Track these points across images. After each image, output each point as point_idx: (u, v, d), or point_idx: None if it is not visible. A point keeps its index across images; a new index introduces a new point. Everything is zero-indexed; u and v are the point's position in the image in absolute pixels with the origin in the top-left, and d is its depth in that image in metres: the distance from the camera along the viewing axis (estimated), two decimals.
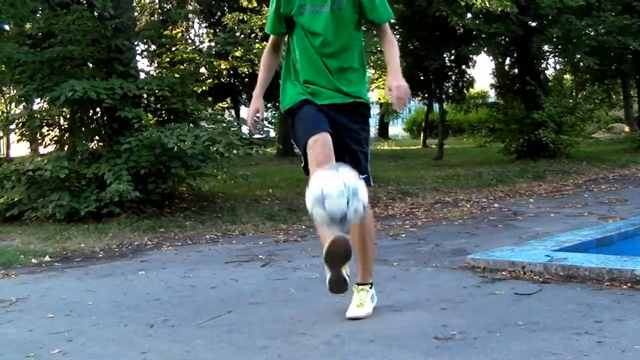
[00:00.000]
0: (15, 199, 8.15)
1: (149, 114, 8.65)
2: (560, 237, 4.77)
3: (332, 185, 2.52)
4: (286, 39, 3.20)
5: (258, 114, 3.17)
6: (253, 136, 7.06)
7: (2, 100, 17.50)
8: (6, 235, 6.97)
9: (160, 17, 12.59)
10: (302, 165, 3.03)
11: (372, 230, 3.22)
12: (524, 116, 15.32)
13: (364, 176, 2.82)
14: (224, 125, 8.40)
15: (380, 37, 3.15)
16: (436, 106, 23.10)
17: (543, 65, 18.42)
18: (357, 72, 3.10)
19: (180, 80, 8.89)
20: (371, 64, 13.78)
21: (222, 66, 11.06)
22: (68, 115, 8.79)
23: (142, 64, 15.72)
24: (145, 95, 8.58)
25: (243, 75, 20.86)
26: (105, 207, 7.49)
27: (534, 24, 15.80)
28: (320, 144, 2.86)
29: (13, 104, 10.02)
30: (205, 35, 21.47)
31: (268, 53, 3.26)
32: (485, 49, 18.55)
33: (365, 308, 3.12)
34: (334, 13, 3.00)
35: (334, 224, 2.60)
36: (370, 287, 3.22)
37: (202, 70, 10.53)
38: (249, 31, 12.24)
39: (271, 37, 3.24)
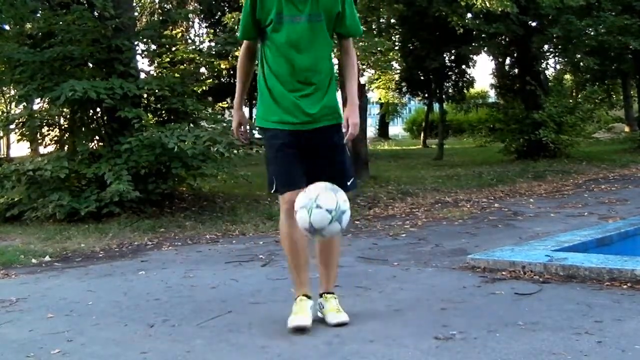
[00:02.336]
0: (16, 199, 8.15)
1: (149, 114, 8.65)
2: (560, 237, 4.77)
3: (327, 200, 2.73)
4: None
5: (241, 128, 3.24)
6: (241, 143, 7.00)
7: (2, 100, 17.50)
8: (6, 235, 6.98)
9: (161, 17, 12.61)
10: (272, 190, 3.11)
11: (340, 236, 3.13)
12: (524, 116, 15.32)
13: (350, 180, 3.08)
14: (225, 125, 8.40)
15: (344, 52, 3.14)
16: (436, 106, 23.09)
17: (543, 65, 18.42)
18: (329, 82, 3.09)
19: (180, 80, 8.89)
20: (371, 64, 13.77)
21: (222, 66, 11.05)
22: (68, 115, 8.79)
23: (142, 64, 15.73)
24: (145, 95, 8.58)
25: None
26: (105, 207, 7.50)
27: (534, 24, 15.79)
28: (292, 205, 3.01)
29: (13, 104, 10.02)
30: (205, 35, 21.45)
31: (244, 60, 3.20)
32: (485, 49, 18.56)
33: (344, 313, 3.01)
34: (311, 24, 2.96)
35: (308, 232, 2.79)
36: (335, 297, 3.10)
37: (202, 70, 10.54)
38: None
39: (245, 42, 3.18)
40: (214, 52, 10.30)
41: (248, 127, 3.28)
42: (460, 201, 8.37)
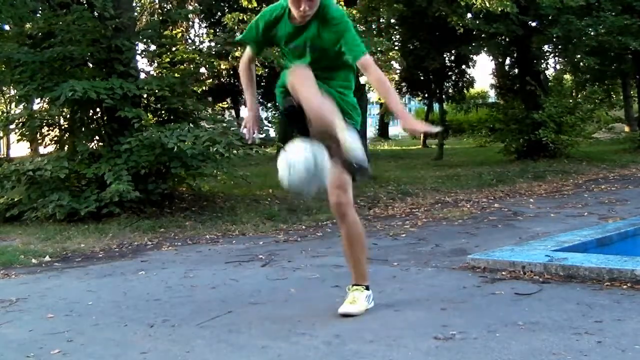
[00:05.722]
0: (16, 199, 8.14)
1: (149, 114, 8.64)
2: (560, 237, 4.77)
3: (301, 160, 2.80)
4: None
5: (252, 124, 3.38)
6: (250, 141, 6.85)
7: (2, 100, 17.50)
8: (6, 235, 6.98)
9: (160, 17, 12.60)
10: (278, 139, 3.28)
11: (360, 235, 3.24)
12: (524, 116, 15.32)
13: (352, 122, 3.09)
14: (224, 125, 8.39)
15: (365, 74, 3.13)
16: (436, 106, 23.12)
17: (543, 65, 18.41)
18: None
19: (180, 80, 8.88)
20: None
21: (222, 66, 11.05)
22: (68, 115, 8.78)
23: (142, 64, 15.73)
24: (145, 95, 8.57)
25: None
26: (105, 207, 7.49)
27: (534, 24, 15.78)
28: (298, 72, 3.05)
29: (13, 104, 10.00)
30: (205, 35, 21.46)
31: (245, 68, 3.41)
32: (485, 49, 18.56)
33: (357, 305, 3.14)
34: (314, 54, 3.10)
35: (292, 189, 2.92)
36: (366, 289, 3.24)
37: (202, 70, 10.53)
38: None
39: (247, 51, 3.36)
40: (213, 52, 10.30)
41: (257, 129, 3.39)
42: (460, 201, 8.37)
